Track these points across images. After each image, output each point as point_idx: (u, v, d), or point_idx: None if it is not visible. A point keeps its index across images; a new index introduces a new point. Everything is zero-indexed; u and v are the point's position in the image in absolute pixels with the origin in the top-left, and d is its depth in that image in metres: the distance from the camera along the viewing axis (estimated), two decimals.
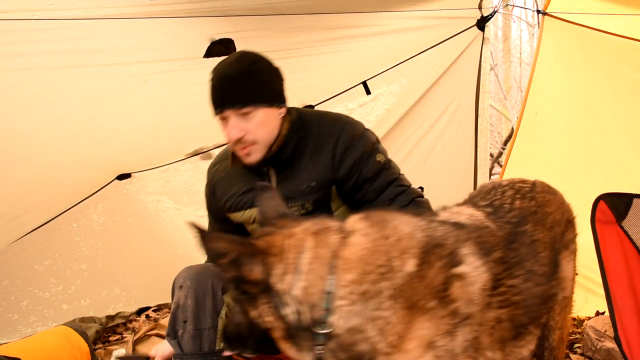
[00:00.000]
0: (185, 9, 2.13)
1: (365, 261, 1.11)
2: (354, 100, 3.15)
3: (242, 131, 1.58)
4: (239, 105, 1.57)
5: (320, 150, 1.66)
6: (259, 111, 1.59)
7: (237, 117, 1.58)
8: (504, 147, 8.67)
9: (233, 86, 1.58)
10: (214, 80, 1.63)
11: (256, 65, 1.62)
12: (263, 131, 1.60)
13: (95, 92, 2.38)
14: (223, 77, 1.60)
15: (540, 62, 3.09)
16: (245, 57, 1.63)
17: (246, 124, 1.58)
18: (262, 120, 1.59)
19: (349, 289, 1.08)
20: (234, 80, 1.58)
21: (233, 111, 1.57)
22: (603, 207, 1.98)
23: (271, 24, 2.33)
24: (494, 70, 9.26)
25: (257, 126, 1.59)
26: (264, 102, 1.60)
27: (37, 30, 1.96)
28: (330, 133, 1.67)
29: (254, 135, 1.59)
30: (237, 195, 1.74)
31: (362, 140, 1.67)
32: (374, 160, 1.66)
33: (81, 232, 3.28)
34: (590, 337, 2.67)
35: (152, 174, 3.35)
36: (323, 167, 1.65)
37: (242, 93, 1.57)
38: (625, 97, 3.06)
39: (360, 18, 2.60)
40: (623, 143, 3.12)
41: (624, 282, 1.92)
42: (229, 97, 1.57)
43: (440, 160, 3.38)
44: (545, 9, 2.94)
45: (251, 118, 1.58)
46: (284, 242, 1.14)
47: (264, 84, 1.62)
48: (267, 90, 1.62)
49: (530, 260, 1.36)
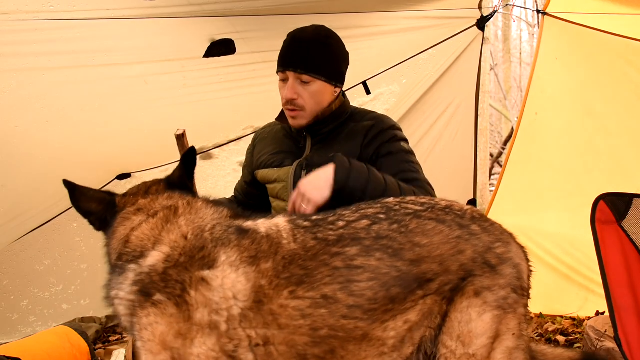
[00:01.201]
0: (186, 10, 2.13)
1: (125, 244, 1.26)
2: (354, 100, 3.15)
3: (295, 94, 1.69)
4: (300, 70, 1.67)
5: (357, 132, 1.76)
6: (317, 83, 1.70)
7: (296, 80, 1.69)
8: (504, 147, 8.68)
9: (302, 52, 1.68)
10: (287, 41, 1.73)
11: (329, 41, 1.73)
12: (313, 101, 1.71)
13: (95, 93, 2.39)
14: (296, 40, 1.70)
15: (540, 62, 3.09)
16: (324, 30, 1.74)
17: (302, 89, 1.70)
18: (316, 91, 1.71)
19: (116, 262, 1.26)
20: (304, 47, 1.68)
21: (294, 74, 1.68)
22: (603, 207, 1.98)
23: (271, 25, 2.33)
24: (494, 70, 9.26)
25: (310, 95, 1.70)
26: (324, 76, 1.71)
27: (37, 31, 1.97)
28: (370, 119, 1.79)
29: (305, 102, 1.71)
30: (270, 154, 1.85)
31: (394, 131, 1.77)
32: (398, 143, 1.75)
33: (81, 232, 3.28)
34: (590, 337, 2.67)
35: (152, 174, 3.35)
36: (354, 145, 1.74)
37: (307, 61, 1.68)
38: (625, 97, 3.06)
39: (360, 18, 2.60)
40: (623, 143, 3.12)
41: (624, 282, 1.92)
42: (294, 60, 1.68)
43: (441, 160, 3.38)
44: (545, 9, 2.94)
45: (308, 86, 1.70)
46: (132, 207, 1.35)
47: (329, 60, 1.72)
48: (330, 67, 1.72)
49: (333, 285, 1.17)
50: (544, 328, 3.19)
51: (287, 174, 1.76)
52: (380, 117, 1.82)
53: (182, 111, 2.74)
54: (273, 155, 1.84)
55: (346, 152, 1.70)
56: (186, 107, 2.71)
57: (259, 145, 1.93)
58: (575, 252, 3.29)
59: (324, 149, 1.76)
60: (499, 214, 3.43)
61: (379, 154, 1.72)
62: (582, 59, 3.06)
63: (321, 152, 1.76)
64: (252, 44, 2.40)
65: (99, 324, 3.18)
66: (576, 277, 3.31)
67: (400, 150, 1.74)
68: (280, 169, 1.79)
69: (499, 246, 1.29)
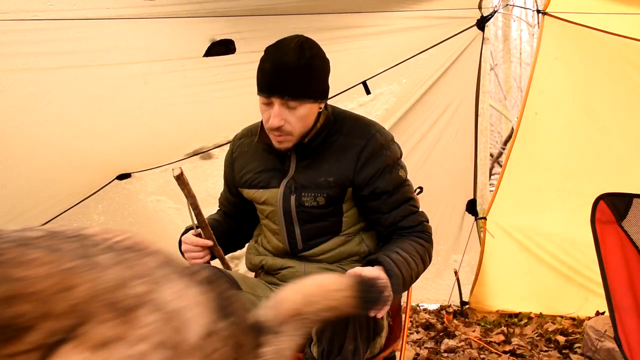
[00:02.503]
0: (186, 10, 2.13)
1: None
2: (353, 100, 3.15)
3: (282, 121, 1.59)
4: (288, 97, 1.58)
5: (347, 149, 1.67)
6: (304, 106, 1.60)
7: (282, 106, 1.59)
8: (504, 147, 8.67)
9: (287, 77, 1.58)
10: (269, 64, 1.61)
11: (314, 61, 1.61)
12: (301, 124, 1.62)
13: (95, 92, 2.38)
14: (280, 64, 1.58)
15: (540, 61, 3.09)
16: (307, 48, 1.61)
17: (288, 115, 1.60)
18: (304, 114, 1.62)
19: None
20: (290, 72, 1.58)
21: (280, 100, 1.58)
22: (603, 207, 1.98)
23: (271, 25, 2.33)
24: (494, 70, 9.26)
25: (297, 119, 1.61)
26: (311, 98, 1.62)
27: (37, 31, 1.97)
28: (360, 135, 1.68)
29: (292, 127, 1.61)
30: (254, 172, 1.76)
31: (389, 152, 1.68)
32: (396, 174, 1.68)
33: None
34: (590, 337, 2.67)
35: (152, 174, 3.35)
36: (345, 167, 1.66)
37: (295, 86, 1.58)
38: (625, 97, 3.06)
39: (360, 18, 2.60)
40: (623, 143, 3.12)
41: (624, 282, 1.93)
42: (280, 86, 1.58)
43: (441, 160, 3.38)
44: (545, 8, 2.93)
45: (295, 111, 1.60)
46: None
47: (316, 80, 1.63)
48: (317, 87, 1.64)
49: None
50: (544, 328, 3.19)
51: (275, 196, 1.69)
52: (369, 130, 1.69)
53: (182, 111, 2.74)
54: (257, 174, 1.75)
55: (337, 170, 1.66)
56: (186, 107, 2.72)
57: (240, 160, 1.82)
58: (575, 252, 3.29)
59: (311, 167, 1.69)
60: (498, 214, 3.43)
61: (375, 192, 1.66)
62: (582, 59, 3.06)
63: (308, 172, 1.68)
64: (252, 43, 2.40)
65: None
66: (576, 277, 3.31)
67: (398, 184, 1.67)
68: (266, 190, 1.72)
69: (138, 284, 0.92)
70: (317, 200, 1.66)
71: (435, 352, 2.88)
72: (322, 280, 1.24)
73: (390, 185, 1.65)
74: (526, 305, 3.43)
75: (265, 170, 1.74)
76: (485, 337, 3.08)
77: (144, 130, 2.81)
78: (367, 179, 1.65)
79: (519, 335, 3.09)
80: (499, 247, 3.41)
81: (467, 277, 3.53)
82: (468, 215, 3.47)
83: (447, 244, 3.53)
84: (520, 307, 3.44)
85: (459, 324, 3.34)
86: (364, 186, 1.66)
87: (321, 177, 1.66)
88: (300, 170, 1.70)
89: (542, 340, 3.03)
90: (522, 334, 3.10)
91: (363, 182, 1.65)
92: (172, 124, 2.85)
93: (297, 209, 1.67)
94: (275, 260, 1.75)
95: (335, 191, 1.66)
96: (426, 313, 3.58)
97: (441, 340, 3.05)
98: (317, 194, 1.66)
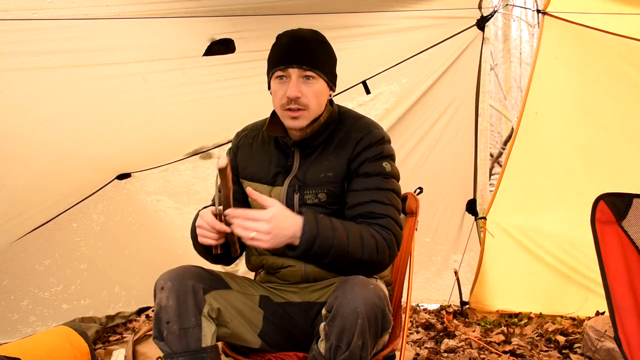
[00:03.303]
0: (185, 9, 2.13)
1: None
2: (353, 100, 3.15)
3: (299, 92, 1.63)
4: (306, 66, 1.62)
5: (345, 144, 1.70)
6: (320, 81, 1.66)
7: (300, 78, 1.63)
8: (504, 147, 8.68)
9: (306, 47, 1.64)
10: (285, 40, 1.67)
11: (327, 44, 1.72)
12: (316, 101, 1.66)
13: (95, 91, 2.38)
14: (297, 38, 1.66)
15: (540, 61, 3.09)
16: (318, 32, 1.72)
17: (305, 87, 1.64)
18: (319, 90, 1.66)
19: None
20: (308, 43, 1.65)
21: (299, 71, 1.62)
22: (603, 207, 1.98)
23: (271, 24, 2.33)
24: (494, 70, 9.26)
25: (313, 94, 1.65)
26: (326, 75, 1.67)
27: (36, 30, 1.96)
28: (360, 131, 1.72)
29: (309, 100, 1.64)
30: (258, 165, 1.77)
31: (382, 146, 1.70)
32: (380, 163, 1.68)
33: (81, 232, 3.28)
34: (590, 337, 2.67)
35: (152, 173, 3.35)
36: (342, 160, 1.69)
37: (313, 56, 1.64)
38: (625, 97, 3.06)
39: (360, 18, 2.60)
40: (623, 143, 3.12)
41: (624, 282, 1.92)
42: (299, 56, 1.63)
43: (441, 160, 3.38)
44: (545, 8, 2.93)
45: (312, 84, 1.64)
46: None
47: (329, 59, 1.71)
48: (330, 67, 1.70)
49: None
50: (544, 328, 3.19)
51: (279, 194, 1.70)
52: (369, 127, 1.73)
53: (181, 110, 2.74)
54: (262, 167, 1.76)
55: (336, 165, 1.68)
56: (186, 106, 2.71)
57: (243, 152, 1.82)
58: (575, 251, 3.29)
59: (314, 165, 1.70)
60: (498, 214, 3.43)
61: (357, 173, 1.67)
62: (582, 59, 3.06)
63: (310, 168, 1.70)
64: (252, 42, 2.40)
65: (99, 324, 3.18)
66: (576, 276, 3.32)
67: (379, 172, 1.67)
68: (272, 188, 1.72)
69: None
70: (318, 197, 1.67)
71: (435, 352, 2.88)
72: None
73: (370, 169, 1.67)
74: (526, 305, 3.43)
75: (270, 164, 1.75)
76: (485, 337, 3.08)
77: (143, 130, 2.81)
78: (357, 165, 1.68)
79: (519, 335, 3.09)
80: (498, 247, 3.41)
81: (467, 277, 3.53)
82: (468, 215, 3.48)
83: (447, 244, 3.53)
84: (520, 307, 3.44)
85: (459, 324, 3.34)
86: (353, 171, 1.68)
87: (321, 173, 1.68)
88: (303, 167, 1.71)
89: (542, 340, 3.03)
90: (522, 334, 3.10)
91: (353, 168, 1.68)
92: (172, 123, 2.85)
93: (299, 208, 1.67)
94: (275, 259, 1.75)
95: (335, 186, 1.68)
96: (426, 313, 3.58)
97: (441, 340, 3.05)
98: (318, 191, 1.68)
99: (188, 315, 1.53)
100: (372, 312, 1.41)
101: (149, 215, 3.46)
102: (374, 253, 1.55)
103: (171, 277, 1.58)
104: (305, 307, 1.73)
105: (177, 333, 1.51)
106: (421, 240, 3.44)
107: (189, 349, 1.51)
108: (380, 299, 1.44)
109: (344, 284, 1.47)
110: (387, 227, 1.60)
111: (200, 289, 1.57)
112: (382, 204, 1.64)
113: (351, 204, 1.66)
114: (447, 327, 3.22)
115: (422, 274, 3.59)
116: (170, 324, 1.52)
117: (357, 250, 1.53)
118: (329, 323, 1.43)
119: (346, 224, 1.57)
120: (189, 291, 1.55)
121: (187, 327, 1.52)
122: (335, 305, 1.42)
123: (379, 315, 1.44)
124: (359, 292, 1.42)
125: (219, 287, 1.64)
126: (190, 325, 1.52)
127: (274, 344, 1.70)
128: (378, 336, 1.48)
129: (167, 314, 1.53)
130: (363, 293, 1.42)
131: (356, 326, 1.39)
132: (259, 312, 1.71)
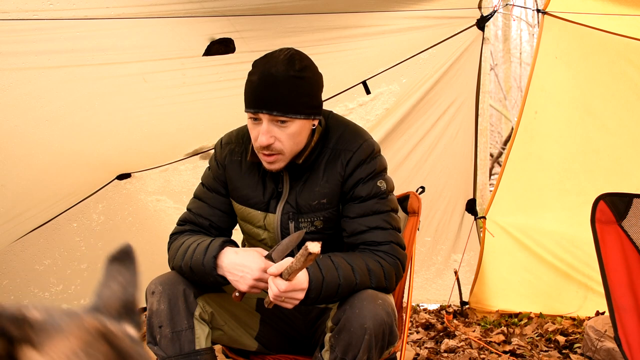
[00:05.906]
0: (185, 9, 2.13)
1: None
2: (353, 100, 3.15)
3: (272, 138, 1.49)
4: (277, 112, 1.46)
5: (334, 163, 1.60)
6: (295, 122, 1.49)
7: (271, 122, 1.49)
8: (504, 147, 8.68)
9: (276, 90, 1.46)
10: (257, 76, 1.50)
11: (305, 73, 1.50)
12: (292, 142, 1.52)
13: (94, 91, 2.38)
14: (268, 77, 1.47)
15: (540, 61, 3.09)
16: (297, 60, 1.49)
17: (278, 132, 1.49)
18: (295, 131, 1.51)
19: None
20: (280, 85, 1.46)
21: (269, 116, 1.48)
22: (603, 207, 1.98)
23: (271, 24, 2.33)
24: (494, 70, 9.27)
25: (288, 137, 1.50)
26: (302, 114, 1.49)
27: (36, 30, 1.96)
28: (347, 148, 1.60)
29: (283, 145, 1.51)
30: (247, 189, 1.66)
31: (374, 162, 1.61)
32: (374, 183, 1.59)
33: (81, 232, 3.28)
34: (590, 337, 2.67)
35: (152, 173, 3.35)
36: (334, 183, 1.59)
37: (284, 101, 1.46)
38: (625, 97, 3.06)
39: (360, 18, 2.60)
40: (623, 142, 3.12)
41: (624, 282, 1.92)
42: (269, 101, 1.46)
43: (441, 160, 3.38)
44: (545, 8, 2.93)
45: (285, 128, 1.49)
46: None
47: (308, 95, 1.51)
48: (310, 102, 1.52)
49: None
50: (544, 328, 3.19)
51: (273, 222, 1.62)
52: (355, 140, 1.61)
53: (181, 110, 2.74)
54: (254, 192, 1.65)
55: (328, 189, 1.59)
56: (186, 106, 2.71)
57: (232, 169, 1.70)
58: (575, 249, 3.30)
59: (305, 189, 1.60)
60: (498, 213, 3.43)
61: (352, 197, 1.59)
62: (582, 58, 3.07)
63: (302, 193, 1.60)
64: (251, 42, 2.40)
65: None
66: (576, 274, 3.32)
67: (375, 194, 1.58)
68: (266, 214, 1.63)
69: None
70: (314, 225, 1.62)
71: (435, 352, 2.88)
72: None
73: (365, 192, 1.58)
74: (526, 304, 3.43)
75: (262, 189, 1.64)
76: (485, 337, 3.08)
77: (143, 130, 2.81)
78: (350, 187, 1.60)
79: (519, 335, 3.09)
80: (498, 246, 3.41)
81: (467, 277, 3.53)
82: (468, 215, 3.48)
83: (447, 244, 3.53)
84: (520, 306, 3.44)
85: (459, 324, 3.34)
86: (347, 193, 1.61)
87: (314, 199, 1.60)
88: (295, 191, 1.62)
89: (542, 340, 3.03)
90: (522, 334, 3.10)
91: (347, 190, 1.60)
92: (172, 123, 2.85)
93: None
94: None
95: (330, 212, 1.61)
96: (426, 313, 3.58)
97: (441, 340, 3.05)
98: (314, 218, 1.61)
99: (180, 318, 1.52)
100: (380, 328, 1.40)
101: (149, 215, 3.46)
102: (382, 280, 1.53)
103: (162, 281, 1.58)
104: (304, 310, 1.72)
105: (170, 336, 1.51)
106: (422, 240, 3.44)
107: (183, 352, 1.51)
108: (388, 315, 1.42)
109: (352, 296, 1.45)
110: (391, 253, 1.56)
111: (192, 292, 1.56)
112: (383, 229, 1.57)
113: (351, 232, 1.59)
114: (447, 327, 3.22)
115: (422, 274, 3.59)
116: (163, 327, 1.52)
117: (365, 280, 1.50)
118: (335, 336, 1.42)
119: (349, 256, 1.53)
120: (179, 294, 1.54)
121: (180, 329, 1.51)
122: (342, 318, 1.41)
123: (386, 331, 1.42)
124: (367, 307, 1.40)
125: (211, 290, 1.62)
126: (182, 328, 1.52)
127: (272, 346, 1.70)
128: (384, 350, 1.47)
129: (159, 318, 1.53)
130: (372, 309, 1.40)
131: (362, 342, 1.38)
132: (256, 316, 1.70)
